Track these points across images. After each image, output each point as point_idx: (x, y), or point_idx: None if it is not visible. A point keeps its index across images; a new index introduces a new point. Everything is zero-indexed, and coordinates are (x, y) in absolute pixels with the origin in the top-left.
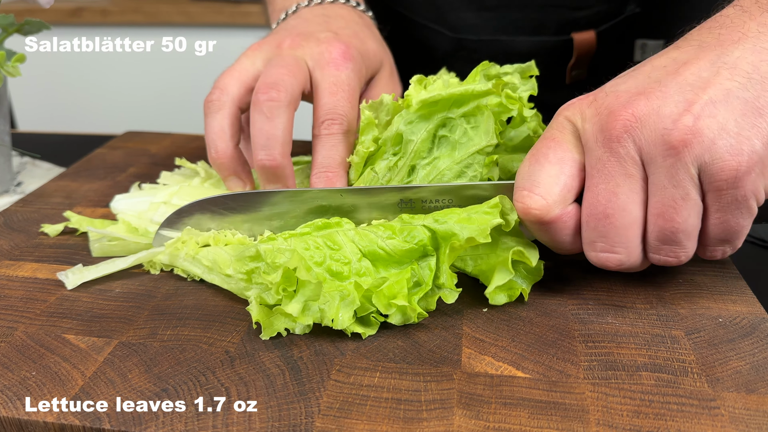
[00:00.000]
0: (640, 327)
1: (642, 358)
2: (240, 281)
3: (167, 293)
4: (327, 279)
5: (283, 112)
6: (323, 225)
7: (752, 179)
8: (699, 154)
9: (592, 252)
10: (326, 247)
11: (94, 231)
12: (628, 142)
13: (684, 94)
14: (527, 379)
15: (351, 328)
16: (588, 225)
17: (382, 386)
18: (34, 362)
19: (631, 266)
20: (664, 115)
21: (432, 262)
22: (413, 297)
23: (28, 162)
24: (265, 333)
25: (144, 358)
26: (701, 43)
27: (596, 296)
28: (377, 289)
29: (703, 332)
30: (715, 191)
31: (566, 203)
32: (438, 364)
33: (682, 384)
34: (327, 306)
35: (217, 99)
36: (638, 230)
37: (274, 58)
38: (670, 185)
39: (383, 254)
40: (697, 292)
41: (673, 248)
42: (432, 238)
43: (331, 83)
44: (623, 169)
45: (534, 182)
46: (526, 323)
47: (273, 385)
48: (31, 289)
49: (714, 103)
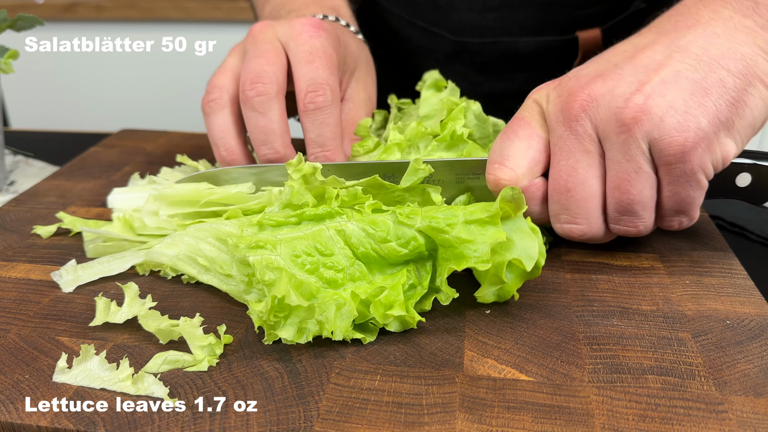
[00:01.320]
0: (646, 329)
1: (648, 361)
2: (241, 283)
3: (163, 295)
4: (321, 288)
5: (274, 103)
6: (313, 216)
7: (699, 154)
8: (649, 131)
9: (557, 223)
10: (317, 252)
11: (89, 231)
12: (585, 120)
13: (637, 76)
14: (531, 382)
15: (350, 335)
16: (552, 198)
17: (382, 390)
18: (28, 365)
19: (594, 236)
20: (618, 95)
21: (428, 264)
22: (410, 302)
23: (21, 161)
24: (267, 338)
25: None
26: (660, 30)
27: (601, 298)
28: (374, 299)
29: (711, 335)
30: (665, 165)
31: (534, 176)
32: (440, 367)
33: (689, 387)
34: (324, 317)
35: (218, 98)
36: (597, 202)
37: (250, 49)
38: (623, 160)
39: (377, 257)
40: (704, 293)
41: (632, 219)
42: (428, 243)
43: (306, 52)
44: (581, 146)
45: (504, 156)
46: (530, 325)
47: (271, 388)
48: (25, 290)
49: (664, 83)
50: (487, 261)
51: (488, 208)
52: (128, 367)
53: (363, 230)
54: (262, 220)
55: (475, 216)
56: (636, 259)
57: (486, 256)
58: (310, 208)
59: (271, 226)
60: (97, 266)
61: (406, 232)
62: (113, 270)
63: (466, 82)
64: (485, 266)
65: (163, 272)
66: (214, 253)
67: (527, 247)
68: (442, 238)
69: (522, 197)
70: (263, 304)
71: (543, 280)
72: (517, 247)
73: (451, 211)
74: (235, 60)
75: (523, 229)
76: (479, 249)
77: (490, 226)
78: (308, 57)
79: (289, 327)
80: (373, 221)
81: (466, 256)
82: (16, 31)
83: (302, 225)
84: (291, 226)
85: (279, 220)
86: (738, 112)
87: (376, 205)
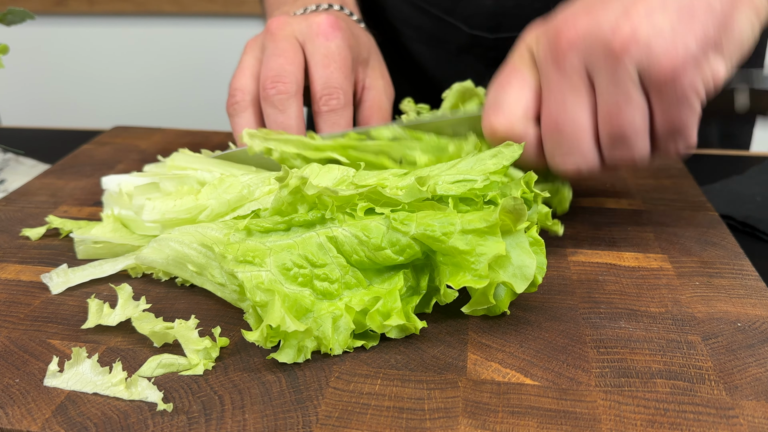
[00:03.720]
0: (655, 332)
1: (656, 365)
2: (233, 292)
3: (158, 296)
4: (315, 301)
5: (293, 102)
6: (303, 222)
7: (689, 75)
8: (638, 58)
9: (552, 162)
10: (308, 263)
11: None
12: (573, 57)
13: (623, 4)
14: (536, 386)
15: (351, 346)
16: (545, 138)
17: (383, 394)
18: (18, 369)
19: (590, 170)
20: (604, 26)
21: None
22: (409, 306)
23: (11, 158)
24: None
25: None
26: None
27: (608, 299)
28: (370, 310)
29: (721, 337)
30: (656, 90)
31: (528, 121)
32: (442, 371)
33: (699, 392)
34: (321, 332)
35: (241, 100)
36: (589, 135)
37: (269, 46)
38: (613, 89)
39: (371, 264)
40: (715, 295)
41: (625, 147)
42: (424, 247)
43: (322, 55)
44: (569, 83)
45: (498, 105)
46: (535, 328)
47: (269, 392)
48: (15, 292)
49: (650, 10)
50: (485, 276)
51: (487, 217)
52: (121, 371)
53: (355, 237)
54: (250, 225)
55: (472, 225)
56: (644, 260)
57: (483, 271)
58: (299, 214)
59: (259, 232)
60: (88, 269)
61: (401, 238)
62: (105, 272)
63: (476, 77)
64: (482, 283)
65: (156, 275)
66: (202, 259)
67: (524, 265)
68: (438, 247)
69: (524, 208)
70: (258, 332)
71: (549, 282)
72: (513, 264)
73: (448, 219)
74: (253, 59)
75: (522, 245)
76: (477, 261)
77: (489, 236)
78: (324, 61)
79: (287, 350)
80: (366, 227)
81: (464, 267)
82: (6, 25)
83: (291, 231)
84: (280, 233)
85: (267, 226)
86: (726, 33)
87: (368, 206)
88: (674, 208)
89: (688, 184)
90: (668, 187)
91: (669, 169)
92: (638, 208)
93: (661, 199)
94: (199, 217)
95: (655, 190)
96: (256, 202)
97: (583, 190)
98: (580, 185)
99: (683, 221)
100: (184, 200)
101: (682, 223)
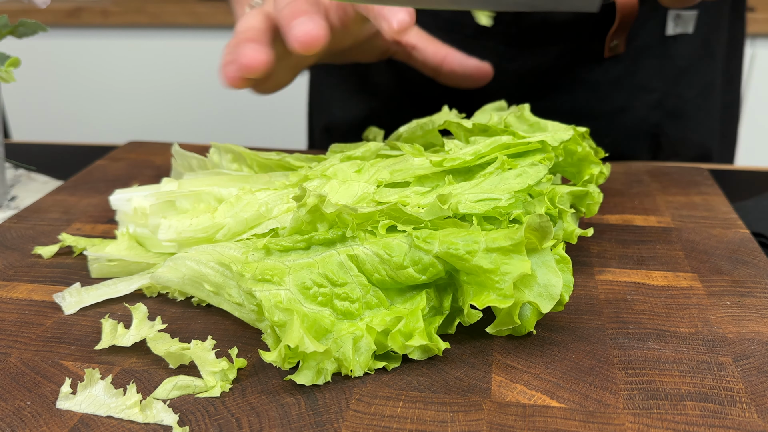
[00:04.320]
0: (685, 353)
1: (686, 387)
2: (251, 312)
3: (173, 317)
4: (335, 321)
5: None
6: (323, 241)
7: None
8: None
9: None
10: (328, 282)
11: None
12: None
13: None
14: (562, 409)
15: (372, 367)
16: None
17: (405, 417)
18: (30, 391)
19: None
20: None
21: (449, 285)
22: (432, 326)
23: (22, 175)
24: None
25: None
26: None
27: (637, 319)
28: (392, 330)
29: (753, 358)
30: None
31: None
32: (466, 393)
33: (730, 414)
34: (341, 354)
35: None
36: None
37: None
38: None
39: (393, 283)
40: (746, 315)
41: None
42: (447, 266)
43: None
44: None
45: None
46: (561, 349)
47: (288, 415)
48: (26, 312)
49: None
50: (510, 296)
51: (512, 235)
52: (136, 393)
53: (377, 255)
54: (269, 244)
55: (497, 243)
56: (673, 279)
57: (508, 291)
58: (320, 233)
59: (279, 251)
60: (102, 288)
61: (423, 257)
62: (119, 292)
63: (496, 59)
64: (507, 303)
65: (171, 294)
66: (219, 279)
67: (550, 284)
68: (462, 266)
69: (549, 226)
70: (276, 353)
71: (575, 301)
72: (539, 283)
73: (472, 237)
74: (245, 13)
75: (548, 264)
76: (501, 281)
77: (514, 254)
78: None
79: (306, 372)
80: (388, 245)
81: (488, 287)
82: (18, 37)
83: (311, 250)
84: (300, 251)
85: (287, 245)
86: None
87: (390, 224)
88: (704, 226)
89: (718, 201)
90: (698, 204)
91: (699, 186)
92: (667, 225)
93: (690, 217)
94: (216, 236)
95: (685, 207)
96: (274, 220)
97: (610, 207)
98: (608, 202)
99: (714, 239)
100: (201, 219)
101: (712, 241)
